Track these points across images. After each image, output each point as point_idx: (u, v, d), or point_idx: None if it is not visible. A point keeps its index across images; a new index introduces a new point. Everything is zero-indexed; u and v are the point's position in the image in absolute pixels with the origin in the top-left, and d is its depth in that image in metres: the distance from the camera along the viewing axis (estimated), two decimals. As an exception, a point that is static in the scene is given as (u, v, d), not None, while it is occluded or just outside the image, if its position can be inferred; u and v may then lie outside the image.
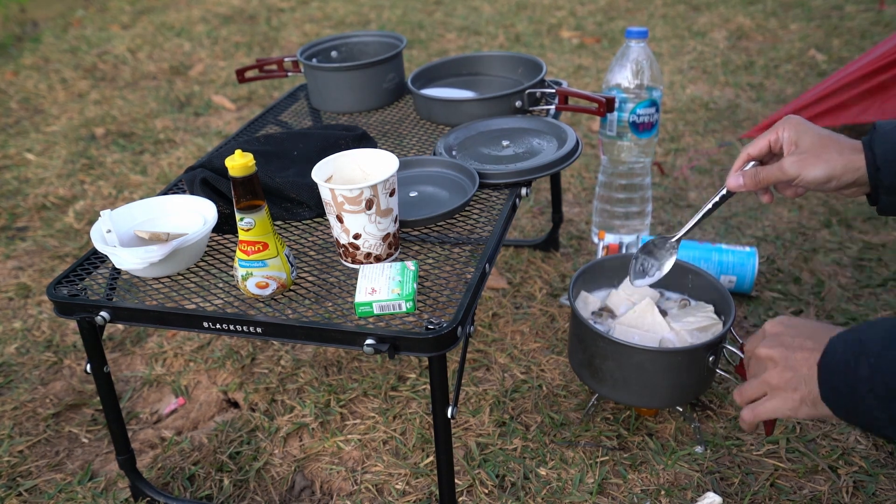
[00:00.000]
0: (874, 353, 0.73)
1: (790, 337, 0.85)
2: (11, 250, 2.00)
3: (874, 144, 0.93)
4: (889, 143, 0.92)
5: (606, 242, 1.65)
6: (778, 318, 0.90)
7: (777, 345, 0.85)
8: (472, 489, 1.24)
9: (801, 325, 0.86)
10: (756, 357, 0.88)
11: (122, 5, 4.33)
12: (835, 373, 0.77)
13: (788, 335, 0.85)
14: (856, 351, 0.75)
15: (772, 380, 0.85)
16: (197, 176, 1.18)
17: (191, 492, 1.28)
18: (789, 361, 0.83)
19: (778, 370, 0.84)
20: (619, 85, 1.63)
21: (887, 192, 0.94)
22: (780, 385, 0.84)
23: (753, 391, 0.89)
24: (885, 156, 0.92)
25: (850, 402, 0.76)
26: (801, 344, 0.83)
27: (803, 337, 0.84)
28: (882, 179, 0.93)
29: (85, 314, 1.04)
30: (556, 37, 3.39)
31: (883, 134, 0.93)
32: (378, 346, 0.92)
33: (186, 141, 2.58)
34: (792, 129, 0.98)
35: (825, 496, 1.19)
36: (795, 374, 0.82)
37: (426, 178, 1.25)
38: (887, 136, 0.93)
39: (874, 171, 0.93)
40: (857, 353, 0.75)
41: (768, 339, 0.87)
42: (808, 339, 0.83)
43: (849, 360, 0.75)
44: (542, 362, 1.50)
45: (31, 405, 1.48)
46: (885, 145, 0.92)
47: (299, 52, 1.56)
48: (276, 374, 1.51)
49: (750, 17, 3.47)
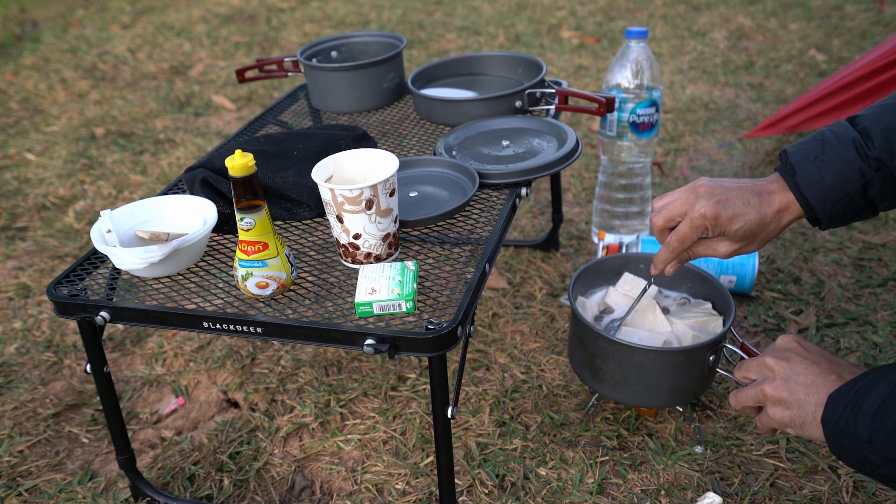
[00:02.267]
0: (870, 414, 0.75)
1: (799, 358, 0.87)
2: (11, 250, 2.00)
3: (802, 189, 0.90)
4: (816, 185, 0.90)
5: (606, 242, 1.65)
6: (793, 336, 0.92)
7: (784, 359, 0.88)
8: (472, 489, 1.24)
9: (813, 350, 0.89)
10: (762, 363, 0.90)
11: (122, 5, 4.33)
12: (838, 433, 0.79)
13: (799, 355, 0.88)
14: (854, 413, 0.77)
15: (768, 391, 0.88)
16: (197, 176, 1.18)
17: (191, 492, 1.28)
18: (789, 382, 0.86)
19: (776, 384, 0.87)
20: (619, 85, 1.63)
21: (830, 221, 0.92)
22: (773, 398, 0.87)
23: (749, 400, 0.92)
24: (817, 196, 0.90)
25: (856, 458, 0.78)
26: (807, 368, 0.86)
27: (810, 362, 0.86)
28: (821, 218, 0.92)
29: (85, 314, 1.04)
30: (556, 37, 3.39)
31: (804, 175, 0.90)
32: (378, 346, 0.92)
33: (186, 141, 2.58)
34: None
35: (825, 496, 1.19)
36: (791, 395, 0.85)
37: (426, 178, 1.25)
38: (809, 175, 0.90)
39: (811, 211, 0.92)
40: (854, 414, 0.77)
41: (777, 352, 0.90)
42: (814, 364, 0.86)
43: (849, 421, 0.77)
44: (542, 362, 1.50)
45: (31, 405, 1.48)
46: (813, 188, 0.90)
47: (299, 52, 1.56)
48: (276, 374, 1.51)
49: (750, 17, 3.47)
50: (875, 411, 0.74)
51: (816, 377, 0.84)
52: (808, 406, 0.83)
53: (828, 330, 1.52)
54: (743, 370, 0.95)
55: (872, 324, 1.52)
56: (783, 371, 0.87)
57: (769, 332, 1.53)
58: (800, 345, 0.90)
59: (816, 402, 0.83)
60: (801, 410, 0.84)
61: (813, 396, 0.83)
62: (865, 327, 1.52)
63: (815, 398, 0.83)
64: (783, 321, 1.55)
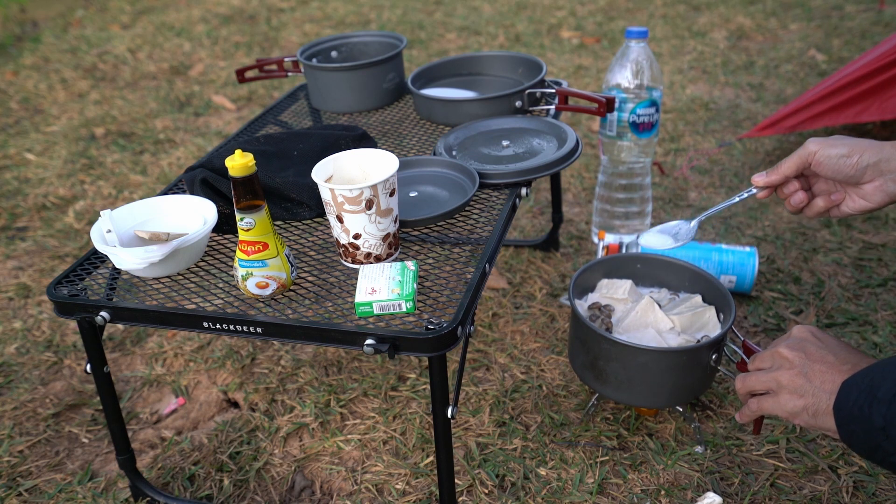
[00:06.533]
0: (886, 401, 0.74)
1: (815, 347, 0.87)
2: (11, 250, 2.00)
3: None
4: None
5: (606, 242, 1.65)
6: (808, 326, 0.92)
7: (799, 349, 0.88)
8: (472, 489, 1.24)
9: (828, 340, 0.89)
10: (777, 354, 0.90)
11: (122, 5, 4.33)
12: (851, 419, 0.78)
13: (814, 345, 0.88)
14: (868, 400, 0.76)
15: (782, 379, 0.87)
16: (197, 176, 1.18)
17: (191, 492, 1.28)
18: (805, 369, 0.85)
19: (792, 373, 0.86)
20: (619, 85, 1.63)
21: None
22: (788, 386, 0.86)
23: (759, 384, 0.90)
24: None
25: (867, 446, 0.77)
26: (823, 357, 0.85)
27: (826, 351, 0.86)
28: None
29: (85, 314, 1.04)
30: (556, 37, 3.39)
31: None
32: (378, 346, 0.92)
33: (186, 141, 2.58)
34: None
35: (825, 496, 1.19)
36: (807, 382, 0.84)
37: (426, 178, 1.25)
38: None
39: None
40: (869, 401, 0.76)
41: (793, 341, 0.89)
42: (830, 353, 0.86)
43: (863, 408, 0.76)
44: (542, 362, 1.50)
45: (31, 405, 1.48)
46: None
47: (299, 52, 1.56)
48: (276, 374, 1.51)
49: (750, 17, 3.47)
50: (892, 398, 0.73)
51: (832, 366, 0.84)
52: (823, 394, 0.83)
53: (828, 330, 1.52)
54: (756, 362, 0.94)
55: (872, 324, 1.52)
56: (799, 360, 0.86)
57: (769, 332, 1.53)
58: (815, 335, 0.89)
59: (831, 391, 0.82)
60: (816, 399, 0.83)
61: (828, 385, 0.83)
62: (865, 327, 1.52)
63: (831, 386, 0.82)
64: (783, 321, 1.55)
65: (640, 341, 1.22)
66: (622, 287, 1.34)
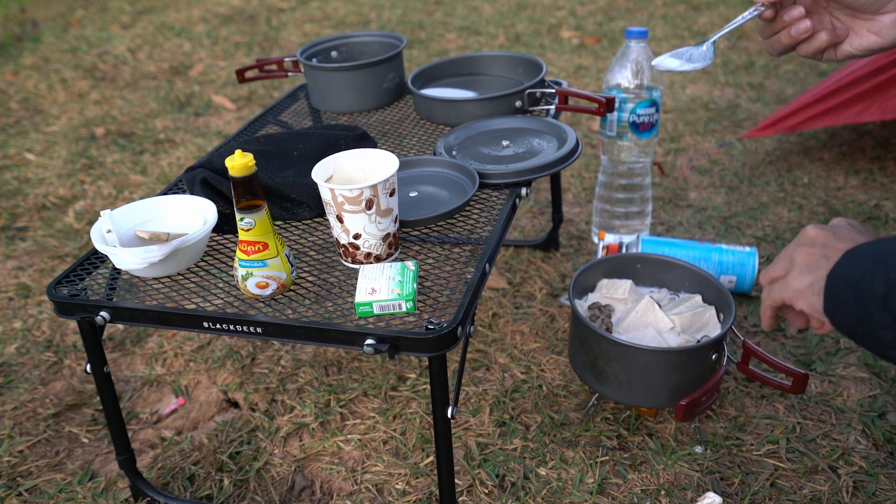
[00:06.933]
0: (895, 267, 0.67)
1: (847, 230, 0.80)
2: (11, 250, 2.00)
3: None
4: None
5: (606, 242, 1.65)
6: (846, 218, 0.84)
7: (829, 230, 0.80)
8: (472, 489, 1.24)
9: (865, 229, 0.81)
10: (803, 234, 0.82)
11: (122, 5, 4.33)
12: (845, 287, 0.71)
13: (846, 229, 0.80)
14: (875, 265, 0.69)
15: (798, 256, 0.80)
16: (197, 176, 1.18)
17: (191, 492, 1.28)
18: (827, 250, 0.78)
19: (811, 251, 0.79)
20: (619, 85, 1.63)
21: None
22: (800, 263, 0.79)
23: (777, 267, 0.83)
24: None
25: (856, 317, 0.71)
26: (849, 236, 0.78)
27: (856, 232, 0.79)
28: None
29: (85, 314, 1.04)
30: (556, 37, 3.39)
31: None
32: (378, 346, 0.92)
33: (186, 141, 2.58)
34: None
35: (825, 496, 1.19)
36: (823, 259, 0.77)
37: (426, 178, 1.25)
38: None
39: None
40: (875, 267, 0.69)
41: (820, 225, 0.81)
42: (862, 236, 0.78)
43: (864, 274, 0.69)
44: (542, 362, 1.50)
45: (31, 405, 1.48)
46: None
47: (299, 52, 1.56)
48: (276, 374, 1.51)
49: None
50: None
51: (855, 242, 0.76)
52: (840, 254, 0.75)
53: (828, 330, 1.52)
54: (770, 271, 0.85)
55: (872, 324, 1.52)
56: (823, 238, 0.79)
57: (769, 332, 1.53)
58: (850, 223, 0.82)
59: None
60: (825, 272, 0.76)
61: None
62: (865, 327, 1.51)
63: None
64: (783, 321, 1.55)
65: (640, 341, 1.23)
66: (622, 287, 1.35)
